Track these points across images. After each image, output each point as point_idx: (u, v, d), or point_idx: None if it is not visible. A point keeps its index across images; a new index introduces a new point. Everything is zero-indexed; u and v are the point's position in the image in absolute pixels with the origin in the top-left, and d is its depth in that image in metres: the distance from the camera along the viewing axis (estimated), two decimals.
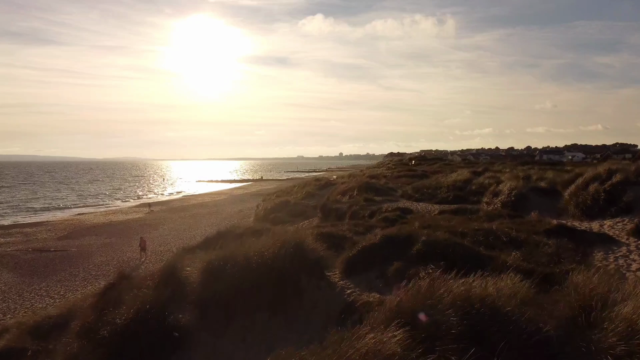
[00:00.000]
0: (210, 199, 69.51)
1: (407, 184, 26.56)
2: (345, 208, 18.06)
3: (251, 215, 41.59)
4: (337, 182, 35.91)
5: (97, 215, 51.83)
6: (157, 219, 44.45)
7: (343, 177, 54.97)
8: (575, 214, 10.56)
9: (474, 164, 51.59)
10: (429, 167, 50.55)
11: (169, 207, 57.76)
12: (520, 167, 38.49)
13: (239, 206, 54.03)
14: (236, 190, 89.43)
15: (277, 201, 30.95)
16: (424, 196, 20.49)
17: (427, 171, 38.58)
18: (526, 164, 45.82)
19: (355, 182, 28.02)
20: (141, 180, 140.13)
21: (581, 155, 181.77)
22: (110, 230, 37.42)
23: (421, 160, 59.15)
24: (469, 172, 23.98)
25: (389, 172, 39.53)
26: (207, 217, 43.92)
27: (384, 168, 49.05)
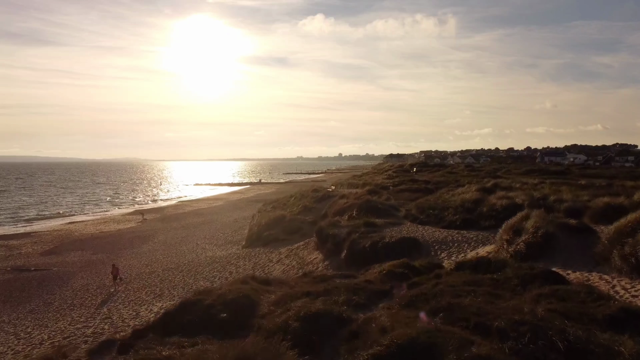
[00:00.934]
0: (206, 206, 67.80)
1: (410, 199, 24.86)
2: (344, 234, 16.36)
3: (245, 227, 39.83)
4: (336, 193, 34.17)
5: (88, 224, 50.11)
6: (149, 230, 42.72)
7: (342, 185, 53.32)
8: (623, 268, 8.77)
9: (478, 171, 49.99)
10: (430, 174, 48.91)
11: (163, 216, 56.02)
12: (528, 178, 36.80)
13: (234, 214, 52.27)
14: (233, 195, 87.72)
15: (272, 216, 29.22)
16: (430, 218, 18.76)
17: (430, 181, 36.88)
18: (532, 172, 44.14)
19: (354, 198, 26.30)
20: (138, 184, 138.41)
21: (583, 157, 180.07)
22: (97, 244, 35.68)
23: (422, 167, 57.41)
24: (477, 189, 22.26)
25: (390, 182, 37.81)
26: (201, 228, 42.17)
27: (384, 176, 47.29)
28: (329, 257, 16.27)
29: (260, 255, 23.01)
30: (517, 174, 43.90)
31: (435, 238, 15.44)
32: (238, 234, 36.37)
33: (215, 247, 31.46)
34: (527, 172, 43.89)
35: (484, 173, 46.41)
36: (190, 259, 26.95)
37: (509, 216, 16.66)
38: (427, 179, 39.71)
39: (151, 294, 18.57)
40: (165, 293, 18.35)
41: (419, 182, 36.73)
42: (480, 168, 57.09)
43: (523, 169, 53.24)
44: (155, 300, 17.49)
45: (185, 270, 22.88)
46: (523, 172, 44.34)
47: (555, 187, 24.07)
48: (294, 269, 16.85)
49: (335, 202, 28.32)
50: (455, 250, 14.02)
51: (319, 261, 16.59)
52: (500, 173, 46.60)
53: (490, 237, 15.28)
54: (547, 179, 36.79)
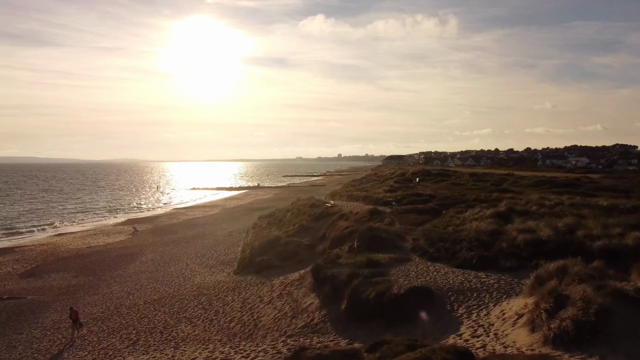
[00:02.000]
0: (201, 214, 65.66)
1: (416, 223, 22.72)
2: (344, 277, 14.22)
3: (239, 243, 37.75)
4: (335, 210, 32.00)
5: (77, 237, 47.93)
6: (138, 246, 40.56)
7: (341, 195, 51.15)
8: None
9: (483, 181, 47.86)
10: (434, 184, 46.73)
11: (155, 227, 53.89)
12: (539, 192, 34.64)
13: (229, 226, 50.13)
14: (230, 202, 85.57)
15: (265, 237, 27.07)
16: (441, 252, 16.62)
17: (435, 195, 34.72)
18: (541, 183, 41.92)
19: (355, 220, 24.18)
20: (134, 188, 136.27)
21: (585, 160, 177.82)
22: (81, 264, 33.48)
23: (425, 176, 55.19)
24: (491, 215, 20.08)
25: (392, 197, 35.65)
26: (193, 244, 40.00)
27: (385, 187, 45.06)
28: (326, 304, 14.12)
29: (251, 287, 20.85)
30: (525, 185, 41.71)
31: (450, 284, 13.27)
32: (231, 252, 34.22)
33: (206, 269, 29.34)
34: (536, 184, 41.62)
35: (490, 185, 44.23)
36: (176, 286, 24.80)
37: (534, 255, 14.59)
38: (432, 192, 37.53)
39: (125, 341, 16.41)
40: (141, 340, 16.19)
41: (423, 196, 34.56)
42: (485, 177, 54.83)
43: (531, 179, 51.01)
44: (127, 350, 15.32)
45: (169, 304, 20.72)
46: (532, 183, 42.08)
47: (576, 210, 21.94)
48: (286, 316, 14.70)
49: (334, 224, 26.18)
50: (475, 304, 11.89)
51: (315, 308, 14.44)
52: (507, 184, 44.42)
53: (514, 283, 13.14)
54: (558, 192, 34.72)
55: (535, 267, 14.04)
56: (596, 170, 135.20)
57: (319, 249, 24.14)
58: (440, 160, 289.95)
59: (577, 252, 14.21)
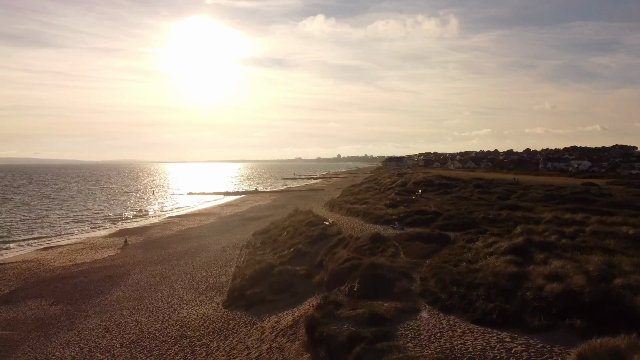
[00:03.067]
0: (196, 224, 63.53)
1: (423, 254, 20.59)
2: (344, 340, 12.08)
3: (232, 261, 35.62)
4: (333, 230, 29.84)
5: (64, 252, 45.79)
6: (126, 263, 38.42)
7: (340, 206, 48.96)
8: None
9: (489, 194, 45.72)
10: (438, 197, 44.56)
11: (147, 239, 51.75)
12: (552, 210, 32.54)
13: (224, 239, 47.95)
14: (226, 209, 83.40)
15: (258, 265, 24.89)
16: (454, 300, 14.48)
17: (441, 213, 32.62)
18: (551, 198, 39.75)
19: (354, 248, 22.05)
20: (129, 194, 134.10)
21: (587, 164, 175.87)
22: (62, 288, 31.34)
23: (427, 186, 52.95)
24: (508, 250, 17.93)
25: (395, 215, 33.50)
26: (184, 261, 37.85)
27: (386, 200, 42.82)
28: None
29: (240, 328, 18.70)
30: (534, 199, 39.52)
31: (470, 353, 11.13)
32: (222, 273, 32.08)
33: (195, 295, 27.20)
34: (545, 198, 39.40)
35: (497, 199, 42.05)
36: (160, 320, 22.65)
37: (566, 312, 12.48)
38: (436, 209, 35.43)
39: None
40: None
41: (427, 214, 32.42)
42: (490, 187, 52.63)
43: (538, 189, 48.88)
44: None
45: (147, 349, 18.58)
46: (541, 197, 39.87)
47: (600, 241, 19.82)
48: None
49: (333, 251, 24.05)
50: None
51: None
52: (515, 197, 42.25)
53: (546, 351, 11.02)
54: (571, 209, 32.64)
55: (570, 328, 11.96)
56: (599, 174, 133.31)
57: (316, 280, 22.05)
58: (440, 162, 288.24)
59: (617, 310, 12.14)
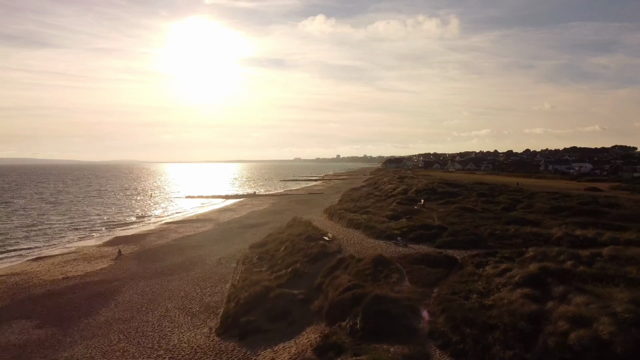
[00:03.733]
0: (192, 231, 62.14)
1: (430, 281, 19.22)
2: None
3: (228, 276, 34.29)
4: (333, 248, 28.45)
5: (55, 263, 44.39)
6: (118, 278, 37.02)
7: (340, 217, 47.56)
8: None
9: (494, 204, 44.30)
10: (442, 208, 43.12)
11: (142, 249, 50.36)
12: (561, 224, 31.17)
13: (220, 249, 46.59)
14: (224, 215, 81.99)
15: (253, 288, 23.49)
16: (467, 344, 13.13)
17: (446, 228, 31.24)
18: (559, 210, 38.33)
19: (355, 272, 20.68)
20: (127, 197, 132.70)
21: (589, 166, 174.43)
22: (51, 305, 29.98)
23: (430, 194, 51.52)
24: (523, 280, 16.57)
25: (397, 229, 32.12)
26: (178, 275, 36.49)
27: (388, 211, 41.41)
28: None
29: None
30: (541, 211, 38.11)
31: None
32: (217, 291, 30.72)
33: (187, 317, 25.84)
34: (553, 210, 38.01)
35: (502, 209, 40.66)
36: (149, 349, 21.27)
37: None
38: (441, 222, 34.08)
39: None
40: None
41: (431, 228, 31.04)
42: (494, 195, 51.19)
43: (544, 198, 47.53)
44: None
45: None
46: (548, 209, 38.44)
47: (621, 268, 18.45)
48: None
49: (333, 274, 22.68)
50: None
51: None
52: (521, 208, 40.84)
53: None
54: (582, 223, 31.31)
55: None
56: (601, 178, 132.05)
57: (315, 307, 20.73)
58: (440, 164, 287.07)
59: None
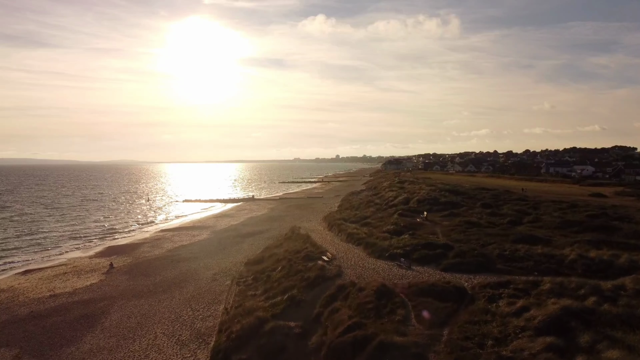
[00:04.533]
0: (187, 240, 60.47)
1: (439, 319, 17.55)
2: None
3: (222, 295, 32.63)
4: (332, 271, 26.76)
5: (44, 278, 42.69)
6: (107, 296, 35.32)
7: (341, 229, 45.92)
8: None
9: (500, 216, 42.62)
10: (447, 222, 41.43)
11: (134, 261, 48.65)
12: (573, 242, 29.49)
13: (216, 262, 44.93)
14: (222, 221, 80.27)
15: (245, 320, 21.81)
16: None
17: (452, 246, 29.59)
18: (569, 224, 36.66)
19: (359, 304, 19.01)
20: (123, 201, 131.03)
21: (591, 169, 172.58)
22: (34, 330, 28.31)
23: (432, 205, 49.75)
24: (544, 324, 14.91)
25: (400, 246, 30.44)
26: (170, 293, 34.82)
27: (390, 224, 39.72)
28: None
29: None
30: (551, 227, 36.44)
31: None
32: (210, 314, 29.01)
33: (176, 347, 24.15)
34: (562, 225, 36.34)
35: (508, 223, 39.02)
36: None
37: None
38: (446, 239, 32.45)
39: None
40: None
41: (436, 248, 29.38)
42: (499, 205, 49.48)
43: (551, 209, 45.88)
44: None
45: None
46: (558, 224, 36.74)
47: None
48: None
49: (332, 304, 21.01)
50: None
51: None
52: (528, 222, 39.18)
53: None
54: (594, 242, 29.69)
55: None
56: (604, 181, 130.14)
57: (312, 343, 19.08)
58: (440, 165, 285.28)
59: None
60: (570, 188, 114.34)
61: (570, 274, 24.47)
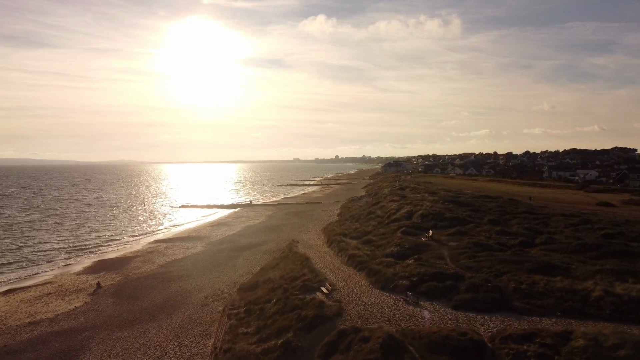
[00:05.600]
0: (181, 254, 58.03)
1: None
2: None
3: (213, 324, 30.13)
4: (331, 310, 24.22)
5: (25, 300, 40.19)
6: (89, 325, 32.78)
7: (341, 248, 43.38)
8: None
9: (510, 235, 40.13)
10: (451, 239, 38.93)
11: (123, 278, 46.15)
12: (595, 271, 26.98)
13: (209, 282, 42.54)
14: (218, 230, 77.82)
15: None
16: None
17: (462, 276, 27.13)
18: (587, 248, 34.13)
19: (363, 357, 16.52)
20: (120, 206, 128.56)
21: (594, 174, 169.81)
22: None
23: (437, 221, 47.20)
24: None
25: (406, 276, 27.94)
26: (158, 322, 32.33)
27: (393, 246, 37.18)
28: None
29: None
30: (567, 249, 33.92)
31: None
32: (198, 351, 26.53)
33: None
34: (579, 249, 33.82)
35: (520, 244, 36.51)
36: None
37: None
38: (455, 266, 29.99)
39: None
40: None
41: (445, 279, 26.89)
42: (508, 224, 46.59)
43: (563, 227, 43.39)
44: None
45: None
46: (574, 247, 34.19)
47: None
48: None
49: (332, 356, 18.51)
50: None
51: None
52: (541, 243, 36.68)
53: None
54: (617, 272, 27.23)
55: None
56: (608, 187, 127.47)
57: None
58: (440, 168, 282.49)
59: None
60: (575, 194, 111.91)
61: (597, 315, 22.04)
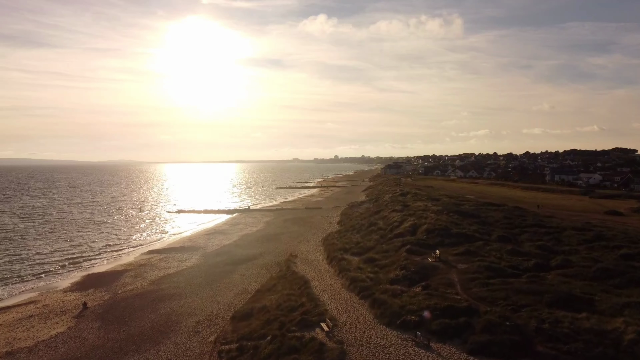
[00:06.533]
0: (175, 267, 55.61)
1: None
2: None
3: (204, 354, 27.64)
4: (333, 354, 21.72)
5: (6, 323, 37.83)
6: (71, 354, 30.31)
7: (339, 261, 40.89)
8: None
9: (522, 256, 37.59)
10: (459, 259, 36.43)
11: (112, 298, 43.68)
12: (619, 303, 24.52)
13: (201, 302, 40.15)
14: (213, 240, 75.35)
15: None
16: None
17: (474, 310, 24.66)
18: (606, 274, 31.68)
19: None
20: (116, 211, 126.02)
21: (598, 177, 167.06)
22: None
23: (444, 237, 44.34)
24: None
25: (415, 310, 25.45)
26: (143, 354, 29.83)
27: (399, 270, 34.69)
28: None
29: None
30: (588, 277, 31.29)
31: None
32: None
33: None
34: (600, 275, 31.34)
35: (535, 267, 34.00)
36: None
37: None
38: (468, 298, 27.54)
39: None
40: None
41: (458, 315, 24.44)
42: (519, 242, 43.95)
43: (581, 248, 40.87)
44: None
45: None
46: (594, 274, 31.67)
47: None
48: None
49: None
50: None
51: None
52: (557, 265, 34.19)
53: None
54: None
55: None
56: (613, 192, 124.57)
57: None
58: (441, 170, 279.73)
59: None
60: (581, 201, 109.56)
61: None
